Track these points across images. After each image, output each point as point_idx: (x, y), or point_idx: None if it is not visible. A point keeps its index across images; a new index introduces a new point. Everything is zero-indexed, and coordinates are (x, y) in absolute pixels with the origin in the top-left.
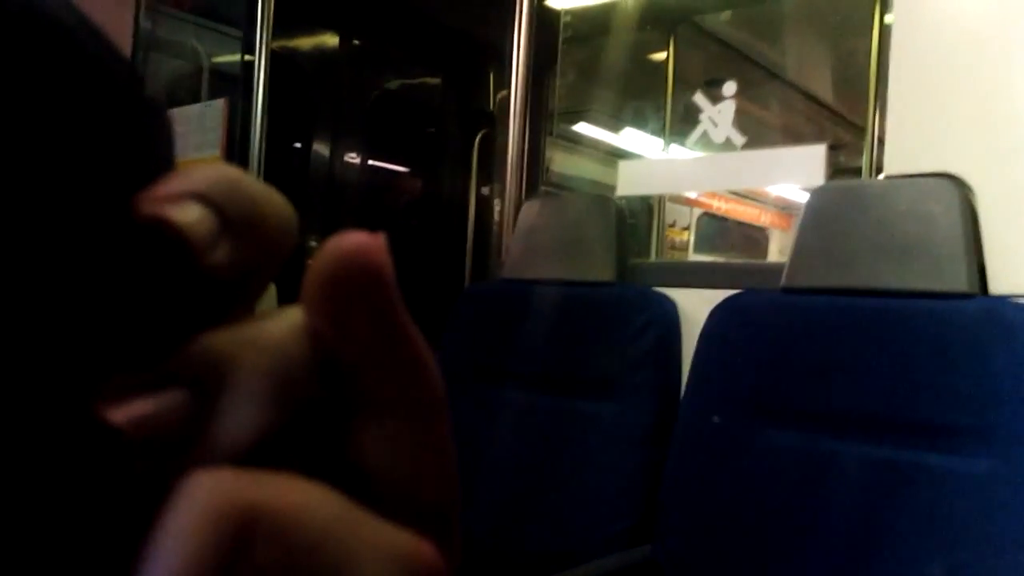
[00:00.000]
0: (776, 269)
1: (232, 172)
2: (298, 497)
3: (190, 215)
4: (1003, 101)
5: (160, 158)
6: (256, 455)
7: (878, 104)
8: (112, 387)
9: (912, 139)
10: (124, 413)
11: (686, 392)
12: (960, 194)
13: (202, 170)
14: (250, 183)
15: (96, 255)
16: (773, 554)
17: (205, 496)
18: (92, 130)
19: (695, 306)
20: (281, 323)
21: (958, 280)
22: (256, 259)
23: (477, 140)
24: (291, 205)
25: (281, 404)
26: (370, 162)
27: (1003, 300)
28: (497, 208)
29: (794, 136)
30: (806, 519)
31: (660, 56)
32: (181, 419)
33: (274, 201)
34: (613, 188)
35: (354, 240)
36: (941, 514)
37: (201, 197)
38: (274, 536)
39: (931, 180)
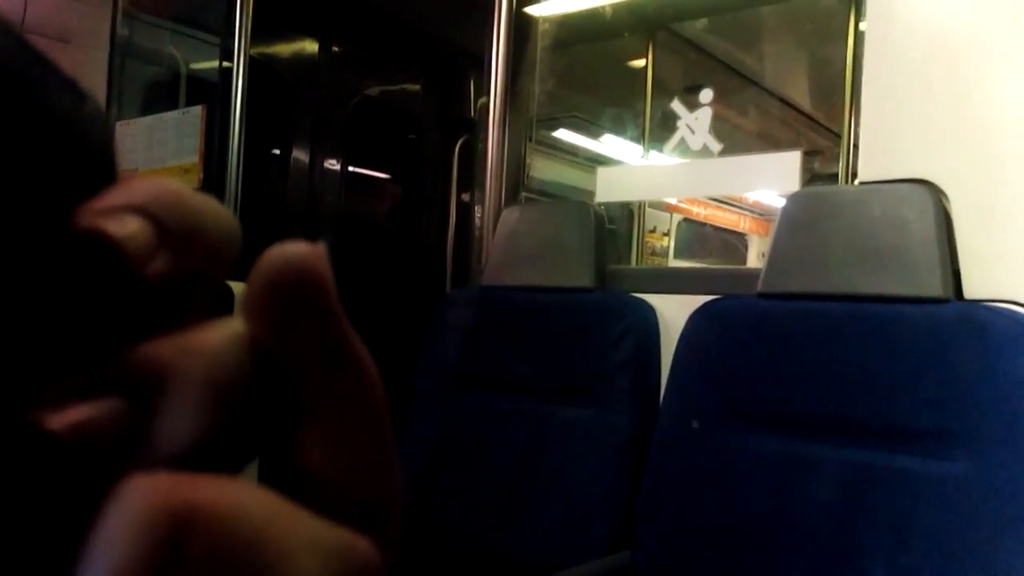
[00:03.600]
0: (754, 274)
1: (172, 185)
2: (232, 497)
3: (127, 228)
4: (977, 107)
5: (99, 170)
6: (194, 459)
7: (854, 110)
8: (51, 395)
9: (886, 145)
10: (61, 419)
11: (665, 397)
12: (934, 200)
13: (142, 183)
14: (190, 195)
15: (34, 267)
16: (752, 558)
17: (140, 498)
18: (16, 145)
19: (674, 312)
20: (220, 331)
21: (933, 285)
22: (197, 270)
23: (457, 146)
24: (234, 216)
25: (217, 410)
26: (350, 168)
27: (977, 305)
28: (478, 214)
29: (771, 142)
30: (784, 523)
31: (639, 63)
32: (118, 425)
33: (215, 213)
34: (593, 194)
35: (293, 250)
36: (917, 517)
37: (139, 210)
38: (209, 535)
39: (905, 186)
